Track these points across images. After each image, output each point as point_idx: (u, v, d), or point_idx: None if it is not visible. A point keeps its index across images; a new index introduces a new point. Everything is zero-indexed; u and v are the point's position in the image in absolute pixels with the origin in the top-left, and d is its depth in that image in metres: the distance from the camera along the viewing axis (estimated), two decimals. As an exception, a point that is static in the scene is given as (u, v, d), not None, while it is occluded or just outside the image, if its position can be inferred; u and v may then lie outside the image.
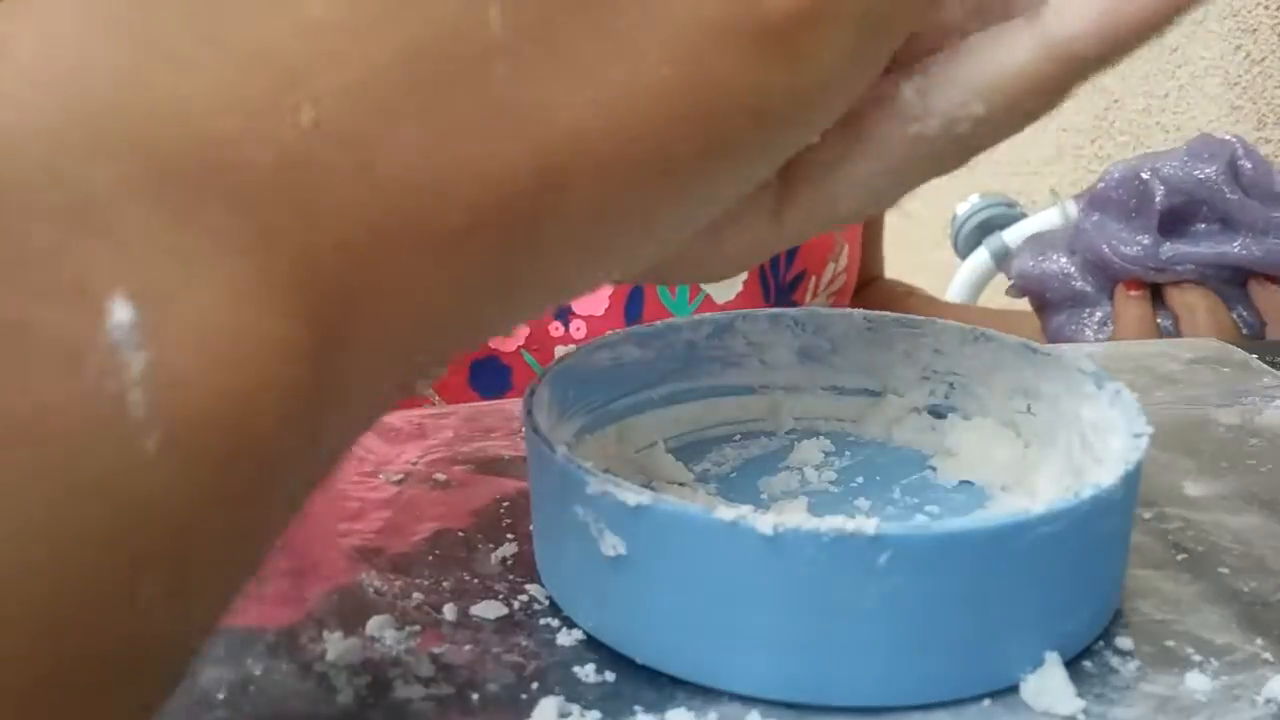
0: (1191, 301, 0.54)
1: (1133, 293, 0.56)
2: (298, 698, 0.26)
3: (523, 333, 0.52)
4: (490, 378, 0.52)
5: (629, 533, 0.26)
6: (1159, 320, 0.57)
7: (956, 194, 1.28)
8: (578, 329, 0.53)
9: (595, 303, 0.53)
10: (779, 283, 0.58)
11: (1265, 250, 0.53)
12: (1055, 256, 0.62)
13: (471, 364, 0.51)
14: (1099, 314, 0.59)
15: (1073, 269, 0.60)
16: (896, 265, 0.89)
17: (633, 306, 0.54)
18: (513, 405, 0.45)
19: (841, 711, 0.26)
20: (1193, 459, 0.39)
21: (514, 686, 0.27)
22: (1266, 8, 1.00)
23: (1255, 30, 1.01)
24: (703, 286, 0.55)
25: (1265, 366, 0.47)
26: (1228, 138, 0.56)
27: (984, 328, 0.38)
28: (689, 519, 0.25)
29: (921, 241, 1.72)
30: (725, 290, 0.56)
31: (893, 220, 1.85)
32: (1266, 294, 0.53)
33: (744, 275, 0.55)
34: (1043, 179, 1.39)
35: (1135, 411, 0.31)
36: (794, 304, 0.58)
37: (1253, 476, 0.37)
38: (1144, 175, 0.56)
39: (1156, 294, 0.57)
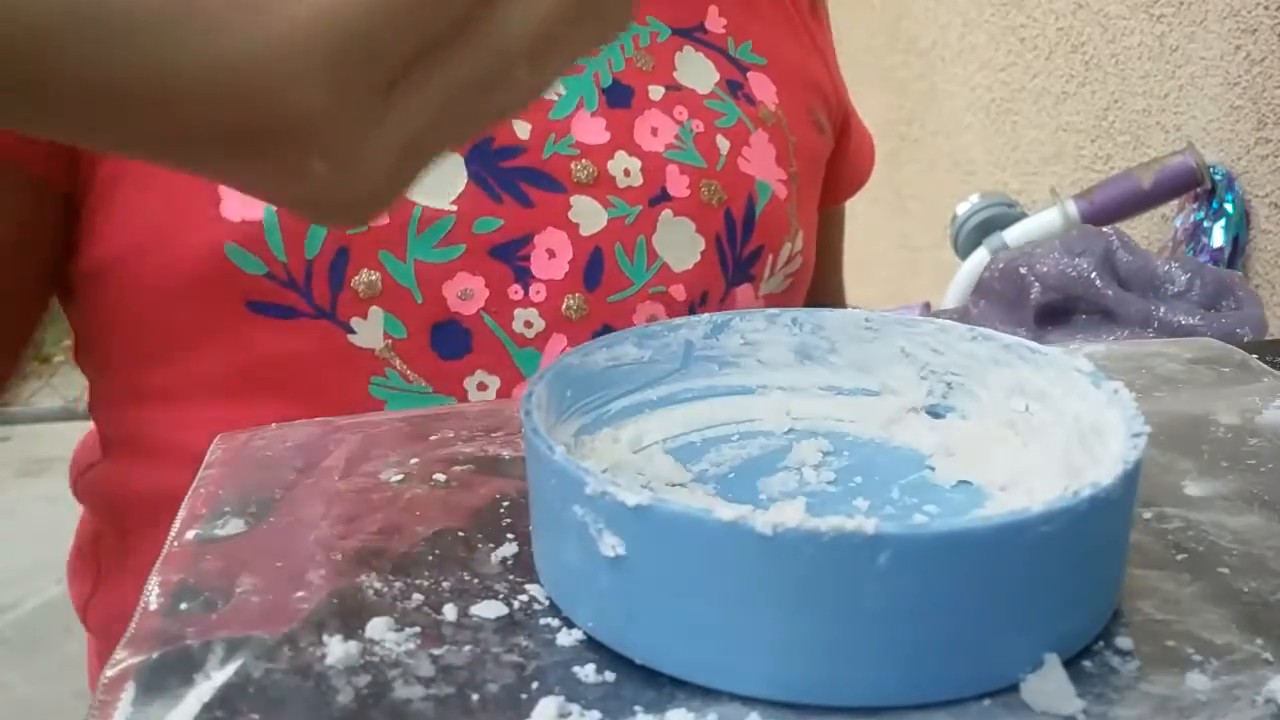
0: None
1: None
2: (298, 699, 0.26)
3: (482, 295, 0.52)
4: (451, 341, 0.52)
5: (628, 533, 0.26)
6: None
7: (957, 194, 1.28)
8: (537, 292, 0.53)
9: (556, 268, 0.53)
10: (737, 255, 0.58)
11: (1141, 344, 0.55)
12: None
13: (432, 327, 0.52)
14: None
15: None
16: (897, 265, 0.89)
17: (591, 272, 0.54)
18: (512, 405, 0.45)
19: (841, 711, 0.26)
20: (1192, 459, 0.39)
21: (514, 686, 0.27)
22: (1266, 8, 1.00)
23: (1255, 30, 1.01)
24: (659, 253, 0.55)
25: (1265, 367, 0.47)
26: (1105, 231, 0.57)
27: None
28: (688, 519, 0.25)
29: (922, 241, 1.72)
30: (684, 258, 0.56)
31: (893, 221, 1.86)
32: None
33: (701, 244, 0.56)
34: (1043, 179, 1.39)
35: (1133, 411, 0.31)
36: (751, 278, 0.59)
37: (1252, 476, 0.37)
38: (1022, 270, 0.57)
39: None
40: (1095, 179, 1.23)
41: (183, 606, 0.30)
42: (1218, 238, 1.02)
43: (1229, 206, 1.03)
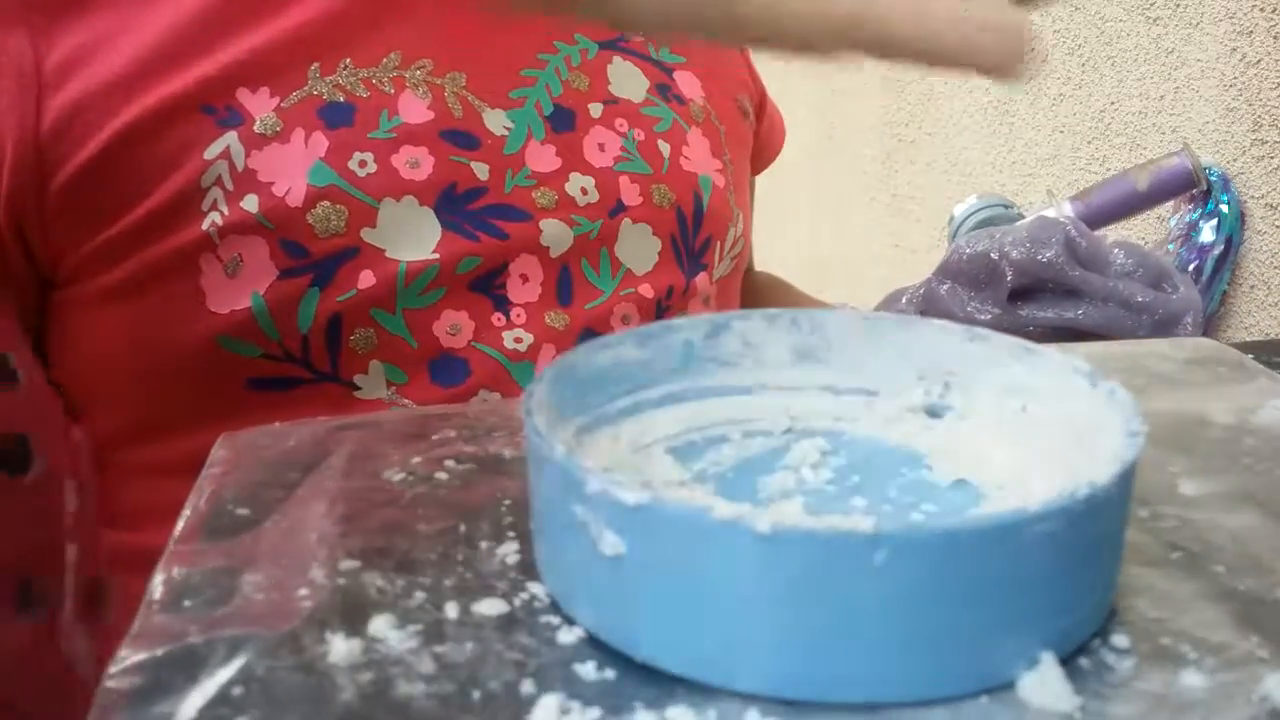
0: None
1: None
2: (300, 696, 0.26)
3: (469, 328, 0.54)
4: (450, 372, 0.54)
5: (628, 532, 0.27)
6: None
7: (954, 195, 1.28)
8: (518, 315, 0.55)
9: (530, 291, 0.55)
10: (690, 248, 0.61)
11: (1105, 316, 0.62)
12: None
13: (429, 364, 0.53)
14: None
15: None
16: (893, 266, 0.89)
17: (562, 288, 0.56)
18: (513, 405, 0.45)
19: (840, 709, 0.26)
20: (1188, 458, 0.39)
21: (515, 683, 0.27)
22: (1262, 10, 1.00)
23: (1251, 33, 1.02)
24: (622, 261, 0.58)
25: (1260, 366, 0.48)
26: (1062, 220, 0.66)
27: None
28: (687, 518, 0.26)
29: (918, 243, 1.73)
30: (644, 261, 0.59)
31: (889, 221, 1.86)
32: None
33: (658, 245, 0.59)
34: (1039, 180, 1.39)
35: (1130, 410, 0.31)
36: (705, 267, 0.62)
37: (1248, 475, 0.38)
38: (993, 256, 0.65)
39: None
40: (1091, 180, 1.24)
41: (186, 604, 0.30)
42: (1206, 234, 1.03)
43: (1224, 208, 1.03)
